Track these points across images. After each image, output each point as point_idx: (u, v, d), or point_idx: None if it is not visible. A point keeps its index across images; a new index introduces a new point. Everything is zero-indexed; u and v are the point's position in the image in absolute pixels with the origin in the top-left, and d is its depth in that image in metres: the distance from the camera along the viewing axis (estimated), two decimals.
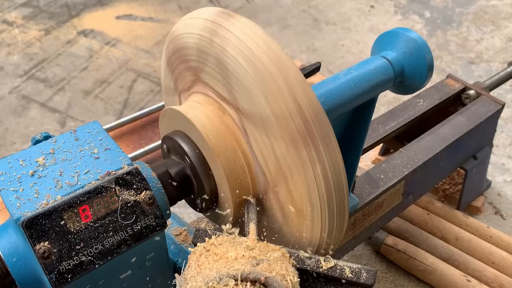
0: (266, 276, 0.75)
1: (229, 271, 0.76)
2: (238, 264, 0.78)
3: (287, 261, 0.83)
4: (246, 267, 0.77)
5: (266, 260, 0.79)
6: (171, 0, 3.41)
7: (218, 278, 0.75)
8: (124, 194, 0.83)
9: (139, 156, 1.98)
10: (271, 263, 0.79)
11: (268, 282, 0.75)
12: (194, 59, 0.96)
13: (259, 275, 0.75)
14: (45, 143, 0.90)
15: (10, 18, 3.17)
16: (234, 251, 0.80)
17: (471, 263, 1.66)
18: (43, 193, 0.81)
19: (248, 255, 0.80)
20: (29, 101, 2.54)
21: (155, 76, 2.74)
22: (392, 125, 1.64)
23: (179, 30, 0.98)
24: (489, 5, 3.44)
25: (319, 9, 3.39)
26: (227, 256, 0.80)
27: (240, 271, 0.76)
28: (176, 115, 0.98)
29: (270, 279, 0.75)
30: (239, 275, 0.75)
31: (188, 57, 0.98)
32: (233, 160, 0.92)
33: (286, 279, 0.77)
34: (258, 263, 0.78)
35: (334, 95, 1.08)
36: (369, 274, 0.85)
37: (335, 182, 0.85)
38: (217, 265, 0.79)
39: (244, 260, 0.78)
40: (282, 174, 0.88)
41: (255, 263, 0.78)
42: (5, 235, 0.81)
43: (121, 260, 0.83)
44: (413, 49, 1.16)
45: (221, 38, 0.87)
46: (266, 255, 0.81)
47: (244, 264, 0.78)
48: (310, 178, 0.84)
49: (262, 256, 0.81)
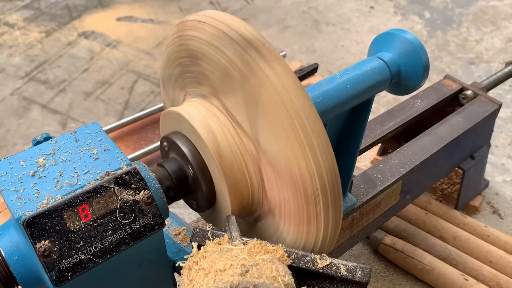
0: (255, 284, 0.75)
1: (218, 285, 0.76)
2: (227, 276, 0.77)
3: (277, 262, 0.82)
4: (234, 278, 0.76)
5: (255, 265, 0.79)
6: (171, 2, 3.43)
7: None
8: (123, 193, 0.85)
9: (139, 157, 1.99)
10: (260, 268, 0.79)
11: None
12: (217, 78, 0.92)
13: (248, 284, 0.75)
14: (45, 144, 0.91)
15: (11, 20, 3.19)
16: (222, 262, 0.80)
17: (469, 262, 1.67)
18: (44, 193, 0.82)
19: (236, 264, 0.79)
20: (30, 103, 2.56)
21: (156, 78, 2.75)
22: (390, 125, 1.65)
23: (205, 31, 0.90)
24: (489, 6, 3.45)
25: (319, 10, 3.41)
26: (215, 268, 0.79)
27: (229, 284, 0.75)
28: (176, 116, 0.99)
29: (260, 286, 0.75)
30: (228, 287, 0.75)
31: (209, 73, 0.93)
32: (230, 160, 0.93)
33: (278, 280, 0.77)
34: (248, 270, 0.78)
35: (331, 96, 1.09)
36: (364, 272, 0.86)
37: (329, 179, 0.86)
38: (206, 280, 0.78)
39: (232, 270, 0.78)
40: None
41: (244, 271, 0.78)
42: (7, 234, 0.83)
43: (120, 259, 0.84)
44: (409, 50, 1.17)
45: (258, 80, 0.84)
46: (255, 259, 0.81)
47: (232, 275, 0.77)
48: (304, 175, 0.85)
49: (251, 261, 0.80)
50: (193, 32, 0.92)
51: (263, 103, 0.84)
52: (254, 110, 0.87)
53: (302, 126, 0.82)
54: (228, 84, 0.90)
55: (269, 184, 0.93)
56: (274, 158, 0.88)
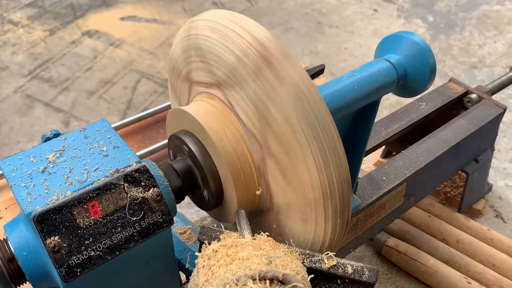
0: (284, 273, 0.74)
1: (246, 271, 0.75)
2: (252, 263, 0.77)
3: (296, 259, 0.83)
4: (261, 266, 0.76)
5: (278, 258, 0.79)
6: (175, 2, 3.43)
7: (235, 280, 0.74)
8: (132, 191, 0.85)
9: (144, 156, 2.00)
10: (283, 260, 0.79)
11: (286, 279, 0.74)
12: (231, 81, 0.90)
13: (277, 272, 0.74)
14: (55, 141, 0.92)
15: (15, 18, 3.19)
16: (245, 251, 0.79)
17: (472, 265, 1.68)
18: (54, 189, 0.83)
19: (259, 254, 0.79)
20: (34, 101, 2.56)
21: (159, 77, 2.76)
22: (394, 128, 1.65)
23: (218, 32, 0.89)
24: (492, 10, 3.45)
25: (322, 12, 3.41)
26: (239, 256, 0.79)
27: (257, 271, 0.75)
28: (184, 115, 0.99)
29: (288, 276, 0.74)
30: (256, 275, 0.74)
31: (219, 77, 0.93)
32: (238, 158, 0.94)
33: (300, 275, 0.78)
34: (271, 261, 0.78)
35: (338, 97, 1.10)
36: (371, 272, 0.86)
37: (338, 182, 0.87)
38: (231, 267, 0.77)
39: (257, 260, 0.77)
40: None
41: (268, 262, 0.77)
42: (16, 230, 0.83)
43: (129, 256, 0.85)
44: (416, 52, 1.17)
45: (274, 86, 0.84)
46: (275, 253, 0.81)
47: (258, 263, 0.76)
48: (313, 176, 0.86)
49: (273, 254, 0.80)
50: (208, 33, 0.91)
51: (274, 112, 0.85)
52: (264, 117, 0.87)
53: (316, 135, 0.83)
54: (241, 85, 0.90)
55: (275, 184, 0.93)
56: (283, 163, 0.89)
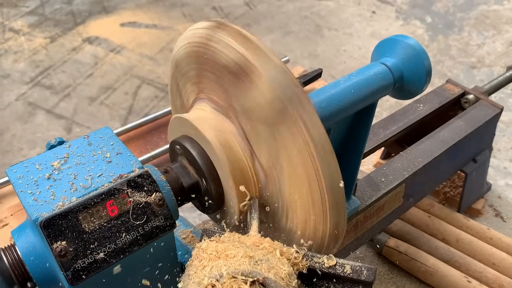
0: (264, 276, 0.78)
1: (229, 269, 0.78)
2: (237, 263, 0.80)
3: (286, 263, 0.85)
4: (245, 266, 0.79)
5: (265, 260, 0.81)
6: (175, 8, 3.46)
7: (218, 276, 0.78)
8: (136, 196, 0.87)
9: (146, 161, 2.02)
10: (270, 263, 0.81)
11: (266, 282, 0.77)
12: (228, 85, 0.96)
13: (258, 274, 0.78)
14: (59, 148, 0.94)
15: (16, 26, 3.22)
16: (234, 250, 0.82)
17: (472, 264, 1.69)
18: (59, 195, 0.85)
19: (247, 254, 0.82)
20: (36, 108, 2.59)
21: (159, 82, 2.78)
22: (392, 129, 1.67)
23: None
24: (490, 10, 3.47)
25: (321, 15, 3.43)
26: (227, 254, 0.82)
27: (240, 270, 0.78)
28: (185, 123, 1.02)
29: (268, 280, 0.78)
30: (239, 273, 0.77)
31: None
32: (238, 162, 0.96)
33: (284, 281, 0.80)
34: (258, 262, 0.81)
35: (335, 100, 1.12)
36: (370, 271, 0.88)
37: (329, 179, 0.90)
38: (217, 263, 0.81)
39: (243, 260, 0.80)
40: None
41: (253, 263, 0.80)
42: (23, 235, 0.85)
43: (133, 259, 0.87)
44: (412, 56, 1.20)
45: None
46: (266, 256, 0.83)
47: (243, 263, 0.80)
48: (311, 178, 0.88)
49: (261, 256, 0.83)
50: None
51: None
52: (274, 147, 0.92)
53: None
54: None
55: (273, 185, 0.96)
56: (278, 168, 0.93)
